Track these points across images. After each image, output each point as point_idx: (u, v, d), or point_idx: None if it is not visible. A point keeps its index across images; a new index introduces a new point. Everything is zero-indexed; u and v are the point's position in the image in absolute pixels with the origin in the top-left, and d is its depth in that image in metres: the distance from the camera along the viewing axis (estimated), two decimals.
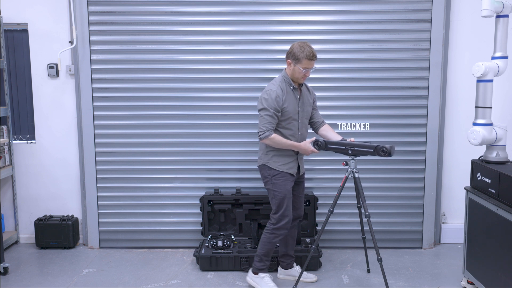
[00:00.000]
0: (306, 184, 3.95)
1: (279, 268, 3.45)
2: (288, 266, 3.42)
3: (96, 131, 3.97)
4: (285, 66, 3.13)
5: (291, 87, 3.07)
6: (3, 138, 3.99)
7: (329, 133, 3.23)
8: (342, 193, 3.18)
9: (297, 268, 3.44)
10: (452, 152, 4.00)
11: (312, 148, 3.06)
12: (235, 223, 3.88)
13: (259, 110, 3.03)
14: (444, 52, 3.85)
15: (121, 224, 4.06)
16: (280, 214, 3.10)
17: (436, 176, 3.95)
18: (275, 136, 3.00)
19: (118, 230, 4.07)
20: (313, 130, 3.35)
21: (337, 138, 3.17)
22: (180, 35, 3.87)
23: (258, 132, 3.03)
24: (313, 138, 3.09)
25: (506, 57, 2.98)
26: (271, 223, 3.14)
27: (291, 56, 3.00)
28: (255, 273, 3.24)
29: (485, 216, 2.91)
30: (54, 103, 4.02)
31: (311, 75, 3.79)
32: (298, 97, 3.11)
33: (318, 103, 3.83)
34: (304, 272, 3.36)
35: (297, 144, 3.06)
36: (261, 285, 3.19)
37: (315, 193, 3.90)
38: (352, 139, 3.11)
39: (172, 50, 3.88)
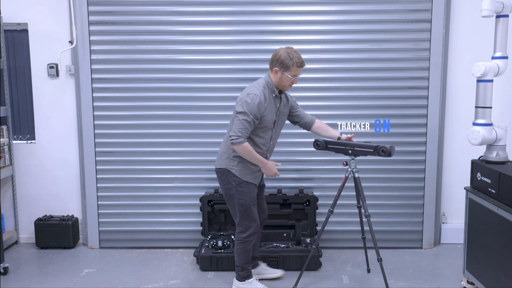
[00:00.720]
0: (306, 184, 3.98)
1: None
2: (255, 266, 3.40)
3: (96, 131, 3.97)
4: None
5: (273, 95, 2.95)
6: (3, 138, 3.99)
7: (325, 129, 3.21)
8: (342, 193, 3.18)
9: (263, 265, 3.44)
10: (452, 152, 4.00)
11: (275, 171, 3.00)
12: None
13: (238, 113, 2.83)
14: (444, 52, 3.85)
15: (121, 224, 4.06)
16: (248, 221, 3.06)
17: (436, 176, 3.95)
18: (248, 146, 2.86)
19: (118, 230, 4.07)
20: (305, 130, 3.29)
21: (333, 133, 3.18)
22: (180, 35, 3.87)
23: (230, 136, 2.84)
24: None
25: (506, 57, 2.98)
26: (241, 232, 3.08)
27: (279, 64, 2.86)
28: (242, 281, 3.19)
29: (485, 216, 2.91)
30: (54, 103, 4.02)
31: (311, 75, 3.83)
32: (278, 105, 3.01)
33: (317, 103, 3.86)
34: (267, 268, 3.41)
35: (264, 161, 2.97)
36: None
37: (315, 193, 3.89)
38: (352, 134, 3.13)
39: (172, 50, 3.88)
